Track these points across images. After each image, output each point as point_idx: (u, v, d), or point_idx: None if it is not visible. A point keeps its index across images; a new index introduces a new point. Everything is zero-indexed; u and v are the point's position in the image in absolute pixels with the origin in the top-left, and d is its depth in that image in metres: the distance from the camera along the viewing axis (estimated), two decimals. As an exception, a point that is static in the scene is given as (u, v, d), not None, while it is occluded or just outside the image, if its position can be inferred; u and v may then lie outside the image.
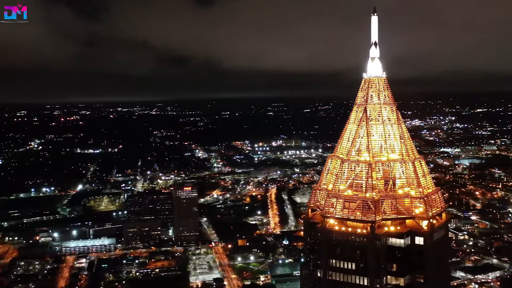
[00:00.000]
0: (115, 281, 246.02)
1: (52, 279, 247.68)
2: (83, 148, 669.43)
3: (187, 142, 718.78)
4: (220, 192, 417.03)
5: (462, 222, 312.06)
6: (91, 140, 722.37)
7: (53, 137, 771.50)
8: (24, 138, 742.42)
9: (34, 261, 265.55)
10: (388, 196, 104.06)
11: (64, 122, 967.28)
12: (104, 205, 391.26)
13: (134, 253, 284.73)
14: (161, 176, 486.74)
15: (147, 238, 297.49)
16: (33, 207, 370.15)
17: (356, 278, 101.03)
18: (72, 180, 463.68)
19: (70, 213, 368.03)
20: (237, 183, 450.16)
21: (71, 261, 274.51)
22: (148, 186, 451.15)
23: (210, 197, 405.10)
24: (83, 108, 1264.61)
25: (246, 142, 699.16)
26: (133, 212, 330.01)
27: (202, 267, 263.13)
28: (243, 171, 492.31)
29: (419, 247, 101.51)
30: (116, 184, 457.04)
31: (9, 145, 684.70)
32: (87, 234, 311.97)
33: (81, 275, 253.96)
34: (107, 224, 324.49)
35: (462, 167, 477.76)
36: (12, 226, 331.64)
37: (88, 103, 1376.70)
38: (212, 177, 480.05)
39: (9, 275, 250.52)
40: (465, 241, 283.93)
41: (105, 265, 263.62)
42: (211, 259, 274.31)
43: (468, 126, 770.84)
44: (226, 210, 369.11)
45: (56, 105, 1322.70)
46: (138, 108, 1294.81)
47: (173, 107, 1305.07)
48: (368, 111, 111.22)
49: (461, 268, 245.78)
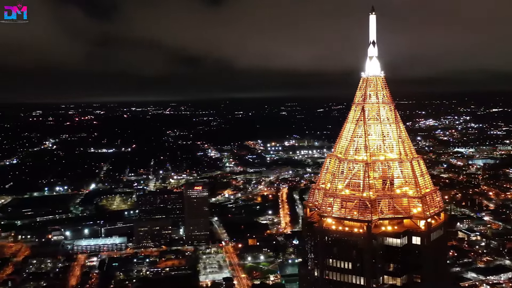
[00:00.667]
0: (126, 279, 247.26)
1: (63, 277, 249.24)
2: (97, 147, 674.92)
3: (200, 141, 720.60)
4: (231, 192, 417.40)
5: (475, 223, 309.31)
6: (105, 139, 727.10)
7: (67, 136, 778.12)
8: (39, 137, 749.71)
9: (46, 260, 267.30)
10: (386, 195, 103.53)
11: (78, 122, 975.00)
12: (116, 204, 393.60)
13: (145, 252, 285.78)
14: (173, 175, 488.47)
15: (158, 237, 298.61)
16: (46, 206, 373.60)
17: (352, 278, 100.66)
18: (85, 179, 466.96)
19: (83, 212, 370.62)
20: (248, 182, 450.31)
21: (82, 259, 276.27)
22: (160, 185, 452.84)
23: (222, 196, 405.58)
24: (97, 107, 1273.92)
25: (259, 142, 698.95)
26: (144, 211, 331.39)
27: (212, 266, 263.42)
28: (255, 171, 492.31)
29: (416, 247, 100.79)
30: (129, 184, 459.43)
31: (24, 145, 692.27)
32: (99, 233, 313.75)
33: (92, 274, 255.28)
34: (119, 223, 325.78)
35: (476, 167, 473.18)
36: (25, 225, 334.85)
37: (103, 103, 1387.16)
38: (224, 177, 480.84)
39: (21, 273, 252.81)
40: (477, 241, 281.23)
41: (116, 263, 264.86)
42: (221, 259, 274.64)
43: (483, 126, 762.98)
44: (237, 209, 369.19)
45: (71, 104, 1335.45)
46: (152, 108, 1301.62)
47: (187, 107, 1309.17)
48: (366, 111, 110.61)
49: (473, 269, 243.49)
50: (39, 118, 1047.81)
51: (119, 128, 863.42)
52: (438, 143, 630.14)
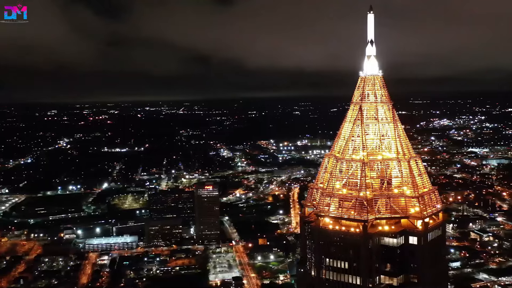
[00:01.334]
0: (136, 278, 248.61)
1: (74, 276, 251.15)
2: (110, 147, 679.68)
3: (213, 141, 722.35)
4: (243, 191, 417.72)
5: (488, 223, 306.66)
6: (118, 139, 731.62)
7: (81, 136, 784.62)
8: (53, 136, 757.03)
9: (58, 258, 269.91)
10: (383, 195, 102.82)
11: (92, 121, 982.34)
12: (128, 203, 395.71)
13: (156, 251, 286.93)
14: (185, 175, 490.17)
15: (168, 236, 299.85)
16: (59, 205, 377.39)
17: (349, 277, 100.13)
18: (98, 178, 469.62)
19: (95, 211, 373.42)
20: (260, 182, 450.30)
21: (93, 258, 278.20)
22: (172, 184, 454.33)
23: (233, 196, 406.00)
24: (111, 107, 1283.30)
25: (271, 142, 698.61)
26: (156, 211, 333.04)
27: (222, 266, 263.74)
28: (266, 171, 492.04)
29: (413, 247, 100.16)
30: (141, 183, 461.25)
31: (39, 144, 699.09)
32: (110, 232, 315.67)
33: (103, 272, 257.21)
34: (130, 222, 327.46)
35: (490, 168, 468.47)
36: (38, 223, 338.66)
37: (117, 103, 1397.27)
38: (235, 176, 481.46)
39: (33, 271, 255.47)
40: (489, 242, 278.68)
41: (127, 262, 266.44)
42: (231, 258, 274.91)
43: (498, 126, 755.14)
44: (248, 209, 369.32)
45: (85, 104, 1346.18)
46: (165, 107, 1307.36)
47: (200, 107, 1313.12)
48: (364, 110, 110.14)
49: (485, 270, 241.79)
50: (54, 117, 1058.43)
51: (133, 128, 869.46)
52: (452, 143, 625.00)
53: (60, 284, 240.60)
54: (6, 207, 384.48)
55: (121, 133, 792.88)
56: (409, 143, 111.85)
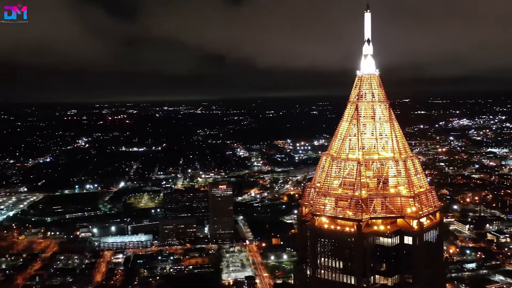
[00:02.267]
0: (150, 276, 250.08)
1: (89, 274, 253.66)
2: (128, 146, 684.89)
3: (230, 141, 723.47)
4: (258, 191, 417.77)
5: (505, 224, 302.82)
6: (136, 138, 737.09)
7: (100, 135, 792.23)
8: (72, 136, 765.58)
9: (73, 256, 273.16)
10: (378, 194, 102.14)
11: (111, 121, 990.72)
12: (143, 202, 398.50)
13: (170, 249, 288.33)
14: (201, 174, 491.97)
15: (182, 235, 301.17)
16: (76, 203, 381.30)
17: (344, 277, 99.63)
18: (115, 177, 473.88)
19: (111, 209, 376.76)
20: (275, 182, 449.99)
21: (108, 256, 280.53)
22: (188, 184, 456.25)
23: (248, 195, 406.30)
24: (130, 107, 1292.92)
25: (288, 141, 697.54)
26: (170, 210, 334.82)
27: (235, 265, 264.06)
28: (282, 170, 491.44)
29: (408, 247, 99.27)
30: (157, 182, 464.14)
31: (58, 143, 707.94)
32: (125, 230, 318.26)
33: (117, 270, 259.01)
34: (145, 221, 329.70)
35: (509, 168, 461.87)
36: (55, 221, 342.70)
37: (136, 102, 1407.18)
38: (251, 176, 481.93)
39: (49, 268, 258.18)
40: (506, 243, 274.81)
41: (141, 260, 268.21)
42: (245, 257, 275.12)
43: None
44: (263, 208, 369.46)
45: (104, 104, 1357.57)
46: (183, 107, 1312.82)
47: (218, 106, 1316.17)
48: (360, 109, 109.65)
49: (501, 272, 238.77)
50: (73, 117, 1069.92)
51: (151, 127, 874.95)
52: (471, 143, 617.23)
53: (74, 282, 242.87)
54: (25, 205, 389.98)
55: (139, 132, 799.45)
56: (406, 142, 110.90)
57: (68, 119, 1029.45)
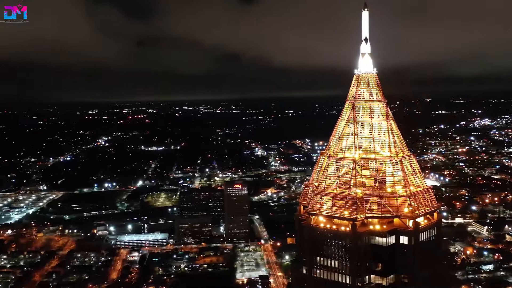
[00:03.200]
0: (164, 275, 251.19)
1: (105, 271, 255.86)
2: (147, 145, 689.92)
3: (248, 140, 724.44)
4: (274, 190, 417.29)
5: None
6: (156, 138, 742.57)
7: (120, 134, 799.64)
8: (93, 135, 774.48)
9: (90, 253, 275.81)
10: (374, 194, 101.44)
11: (131, 120, 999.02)
12: (161, 201, 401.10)
13: (185, 248, 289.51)
14: (218, 173, 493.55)
15: (198, 234, 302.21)
16: (94, 202, 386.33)
17: (339, 276, 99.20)
18: (134, 176, 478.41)
19: (128, 208, 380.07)
20: (292, 181, 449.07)
21: (124, 254, 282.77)
22: (205, 183, 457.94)
23: (264, 195, 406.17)
24: (150, 106, 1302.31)
25: (307, 141, 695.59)
26: (186, 209, 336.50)
27: (250, 264, 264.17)
28: (299, 170, 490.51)
29: (403, 246, 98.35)
30: (175, 181, 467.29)
31: (78, 142, 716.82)
32: (142, 229, 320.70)
33: (132, 268, 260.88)
34: (161, 220, 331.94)
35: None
36: (73, 219, 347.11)
37: (156, 102, 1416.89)
38: (268, 175, 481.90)
39: (66, 266, 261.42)
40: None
41: (156, 259, 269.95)
42: (259, 257, 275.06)
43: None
44: (279, 208, 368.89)
45: (125, 103, 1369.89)
46: (203, 106, 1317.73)
47: (238, 106, 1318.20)
48: (357, 108, 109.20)
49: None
50: (94, 116, 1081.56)
51: (170, 127, 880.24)
52: (492, 143, 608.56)
53: (90, 279, 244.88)
54: (44, 203, 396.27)
55: (158, 132, 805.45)
56: (403, 141, 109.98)
57: (89, 119, 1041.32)
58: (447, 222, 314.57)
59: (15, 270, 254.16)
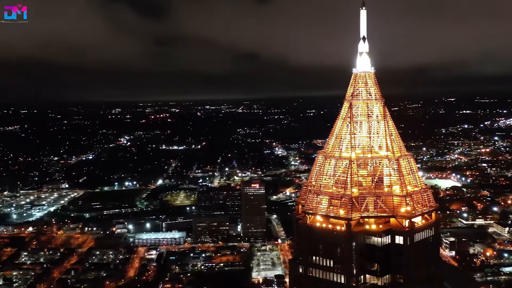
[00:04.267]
0: (181, 273, 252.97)
1: (122, 269, 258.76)
2: (168, 144, 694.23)
3: (269, 140, 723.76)
4: (293, 190, 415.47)
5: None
6: (177, 137, 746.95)
7: (142, 133, 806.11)
8: (115, 134, 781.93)
9: (108, 251, 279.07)
10: (370, 193, 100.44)
11: (153, 120, 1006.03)
12: (180, 200, 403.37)
13: (202, 247, 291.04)
14: (238, 173, 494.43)
15: (215, 233, 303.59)
16: (114, 200, 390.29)
17: (333, 276, 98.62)
18: (154, 175, 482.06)
19: (147, 206, 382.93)
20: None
21: (142, 252, 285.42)
22: (224, 182, 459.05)
23: (283, 194, 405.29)
24: (173, 106, 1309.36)
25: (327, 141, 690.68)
26: (204, 208, 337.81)
27: (266, 263, 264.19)
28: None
29: (399, 246, 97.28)
30: (194, 180, 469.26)
31: (101, 141, 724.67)
32: (160, 227, 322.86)
33: (150, 266, 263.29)
34: (179, 218, 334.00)
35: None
36: (93, 217, 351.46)
37: (178, 101, 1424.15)
38: (287, 175, 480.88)
39: (84, 263, 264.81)
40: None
41: (173, 257, 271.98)
42: (276, 256, 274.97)
43: None
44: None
45: (148, 102, 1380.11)
46: (225, 106, 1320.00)
47: (259, 105, 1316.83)
48: (355, 107, 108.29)
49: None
50: (117, 115, 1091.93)
51: (192, 126, 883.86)
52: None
53: (108, 276, 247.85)
54: (65, 201, 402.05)
55: (180, 131, 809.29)
56: (401, 141, 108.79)
57: (112, 118, 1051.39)
58: (468, 223, 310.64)
59: (35, 266, 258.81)
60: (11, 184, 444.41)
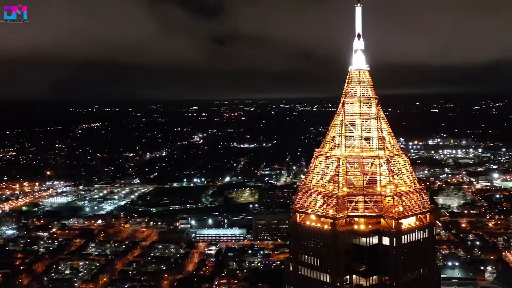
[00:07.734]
0: (237, 269, 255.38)
1: (182, 263, 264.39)
2: (240, 142, 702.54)
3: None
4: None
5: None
6: (249, 135, 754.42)
7: (215, 131, 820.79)
8: (189, 132, 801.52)
9: (170, 245, 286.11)
10: (360, 193, 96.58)
11: (227, 118, 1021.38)
12: (244, 197, 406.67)
13: (261, 244, 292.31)
14: (305, 171, 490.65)
15: (275, 230, 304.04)
16: (180, 196, 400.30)
17: (320, 275, 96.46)
18: (222, 172, 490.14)
19: (212, 203, 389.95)
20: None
21: (202, 247, 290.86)
22: (290, 180, 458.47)
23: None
24: (248, 104, 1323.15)
25: (400, 140, 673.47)
26: (265, 205, 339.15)
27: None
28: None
29: (386, 247, 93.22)
30: (261, 178, 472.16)
31: (175, 138, 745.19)
32: (222, 224, 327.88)
33: (208, 261, 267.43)
34: (241, 215, 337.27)
35: None
36: (159, 212, 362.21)
37: (254, 100, 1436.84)
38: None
39: (146, 256, 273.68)
40: None
41: (231, 253, 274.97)
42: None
43: None
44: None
45: (224, 101, 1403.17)
46: (300, 104, 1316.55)
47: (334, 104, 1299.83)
48: (348, 105, 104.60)
49: None
50: (193, 114, 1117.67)
51: (265, 124, 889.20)
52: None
53: (167, 270, 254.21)
54: (135, 196, 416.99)
55: (252, 129, 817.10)
56: (394, 140, 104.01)
57: (188, 116, 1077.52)
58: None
59: (100, 257, 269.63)
60: (87, 178, 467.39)
